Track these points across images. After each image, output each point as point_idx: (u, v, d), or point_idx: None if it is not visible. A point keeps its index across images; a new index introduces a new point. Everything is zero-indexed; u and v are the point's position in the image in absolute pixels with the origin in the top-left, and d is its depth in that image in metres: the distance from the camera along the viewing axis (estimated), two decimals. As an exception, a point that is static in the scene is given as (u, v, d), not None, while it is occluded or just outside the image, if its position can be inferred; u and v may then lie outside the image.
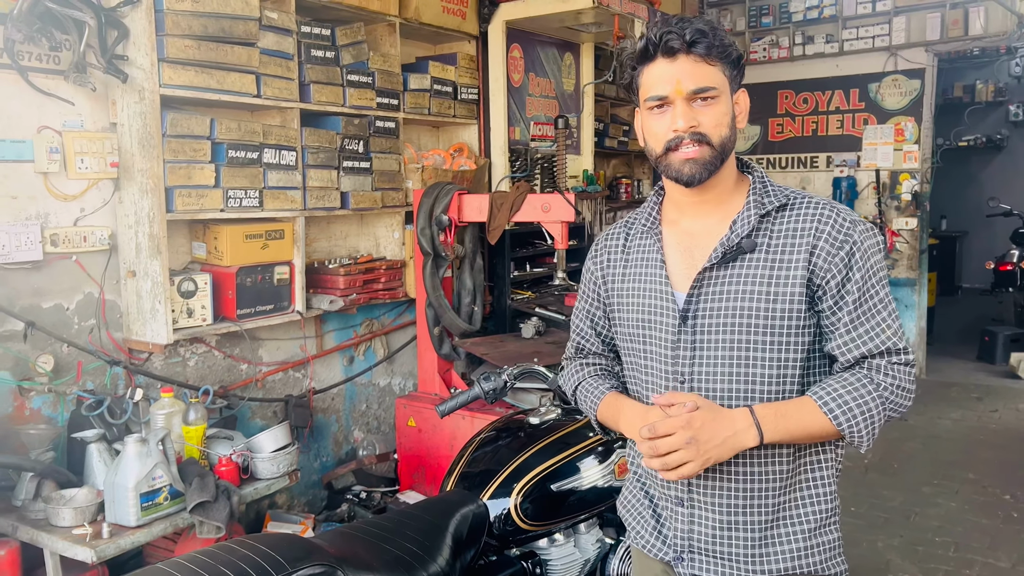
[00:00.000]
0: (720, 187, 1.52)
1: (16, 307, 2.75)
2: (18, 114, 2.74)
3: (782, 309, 1.45)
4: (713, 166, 1.47)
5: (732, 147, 1.50)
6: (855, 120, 6.87)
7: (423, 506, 1.89)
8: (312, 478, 3.89)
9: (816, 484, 1.51)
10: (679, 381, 1.52)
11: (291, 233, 3.46)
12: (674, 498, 1.55)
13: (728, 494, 1.49)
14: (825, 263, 1.43)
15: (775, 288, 1.45)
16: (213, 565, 1.37)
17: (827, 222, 1.45)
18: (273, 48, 3.30)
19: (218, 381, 3.39)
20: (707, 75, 1.44)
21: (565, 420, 2.10)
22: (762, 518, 1.49)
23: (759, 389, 1.47)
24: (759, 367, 1.47)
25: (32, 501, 2.52)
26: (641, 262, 1.61)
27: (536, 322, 4.01)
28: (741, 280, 1.47)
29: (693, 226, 1.55)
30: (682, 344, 1.51)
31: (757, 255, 1.47)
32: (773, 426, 1.43)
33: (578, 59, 5.18)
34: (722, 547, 1.51)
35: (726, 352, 1.48)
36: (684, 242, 1.56)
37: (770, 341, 1.46)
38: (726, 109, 1.47)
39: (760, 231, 1.48)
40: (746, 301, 1.46)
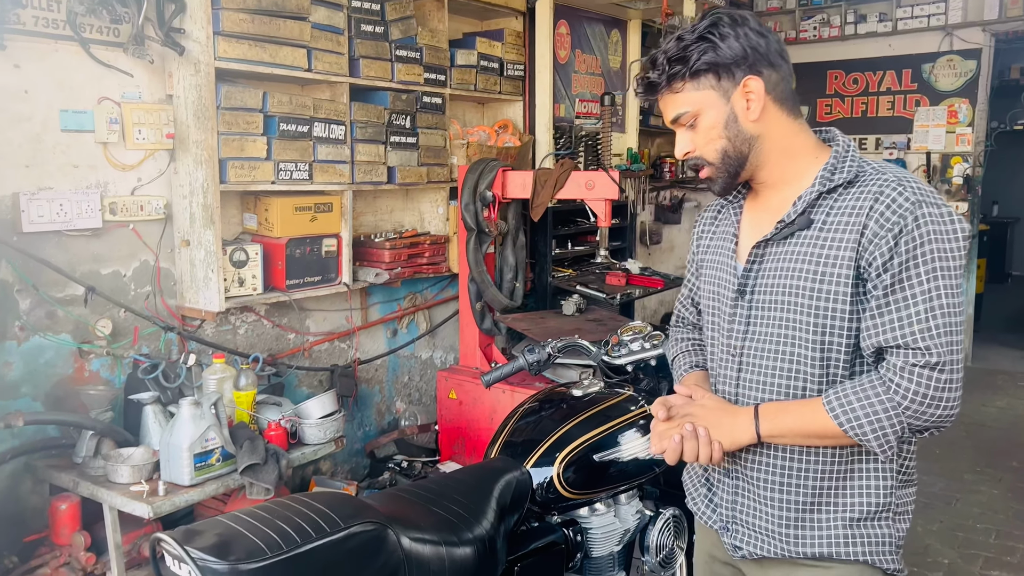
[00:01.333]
0: (778, 172, 1.49)
1: (77, 272, 2.85)
2: (80, 85, 2.83)
3: (827, 291, 1.40)
4: (725, 180, 1.49)
5: (745, 148, 1.46)
6: (907, 101, 6.73)
7: (469, 471, 1.95)
8: (355, 446, 3.98)
9: (867, 475, 1.45)
10: (731, 355, 1.53)
11: (339, 206, 3.52)
12: (722, 469, 1.58)
13: (769, 470, 1.49)
14: (871, 244, 1.35)
15: (822, 268, 1.40)
16: (270, 519, 1.44)
17: (884, 200, 1.36)
18: (324, 22, 3.34)
19: (267, 349, 3.48)
20: (677, 102, 1.45)
21: (607, 393, 2.13)
22: (800, 499, 1.47)
23: (804, 372, 1.44)
24: (803, 348, 1.44)
25: (92, 458, 2.63)
26: (721, 235, 1.62)
27: (577, 299, 4.03)
28: (792, 257, 1.44)
29: (770, 200, 1.52)
30: (737, 318, 1.52)
31: (811, 232, 1.43)
32: (772, 423, 1.43)
33: (625, 36, 5.15)
34: (762, 521, 1.52)
35: (775, 330, 1.47)
36: (758, 216, 1.54)
37: (815, 324, 1.42)
38: (712, 122, 1.44)
39: (822, 207, 1.43)
40: (794, 279, 1.43)
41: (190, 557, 1.29)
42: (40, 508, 2.74)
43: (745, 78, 1.42)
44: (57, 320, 2.81)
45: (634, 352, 2.24)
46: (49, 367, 2.80)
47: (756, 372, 1.50)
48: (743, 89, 1.43)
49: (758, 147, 1.46)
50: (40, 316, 2.77)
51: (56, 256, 2.78)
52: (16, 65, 2.66)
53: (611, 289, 4.29)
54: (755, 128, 1.45)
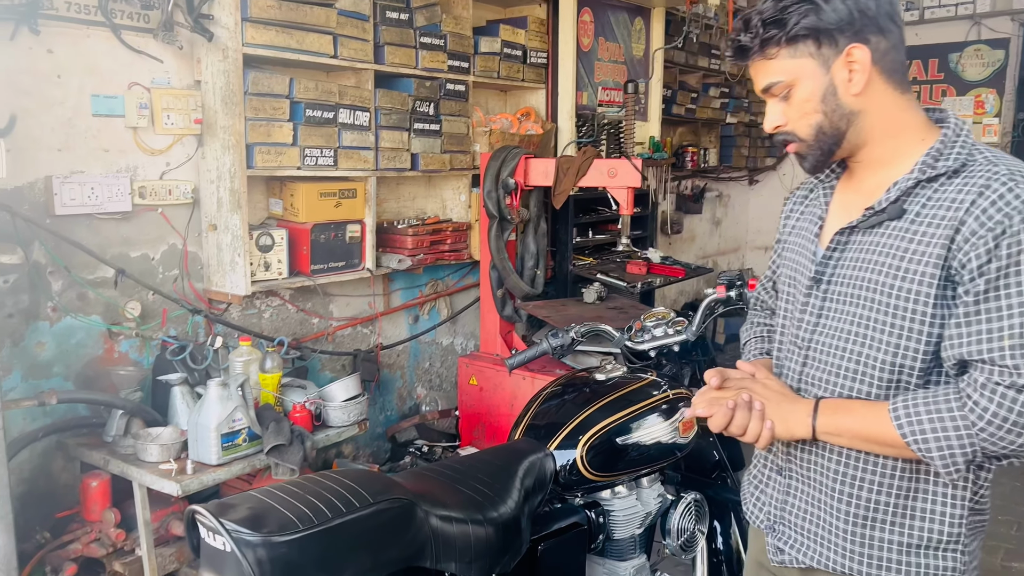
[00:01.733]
0: (878, 152, 1.34)
1: (107, 255, 2.90)
2: (111, 70, 2.87)
3: (908, 289, 1.26)
4: (817, 158, 1.35)
5: (843, 124, 1.32)
6: (933, 91, 6.67)
7: (493, 452, 1.97)
8: (377, 430, 4.02)
9: (933, 498, 1.31)
10: (798, 347, 1.43)
11: (363, 192, 3.55)
12: (773, 465, 1.49)
13: (822, 472, 1.39)
14: (967, 243, 1.20)
15: (905, 264, 1.27)
16: (301, 494, 1.47)
17: (989, 196, 1.20)
18: (350, 9, 3.36)
19: (291, 333, 3.52)
20: (770, 70, 1.32)
21: (630, 378, 2.14)
22: (853, 510, 1.36)
23: (872, 375, 1.32)
24: (873, 350, 1.31)
25: (122, 437, 2.68)
26: (807, 216, 1.49)
27: (598, 287, 4.04)
28: (877, 249, 1.31)
29: (863, 184, 1.38)
30: (810, 308, 1.41)
31: (902, 224, 1.29)
32: (830, 419, 1.32)
33: (648, 24, 5.13)
34: (812, 526, 1.41)
35: (846, 326, 1.35)
36: (849, 200, 1.41)
37: (889, 324, 1.29)
38: (807, 95, 1.31)
39: (918, 197, 1.29)
40: (874, 273, 1.30)
41: (225, 529, 1.33)
42: (71, 485, 2.80)
43: (849, 46, 1.28)
44: (88, 302, 2.86)
45: (657, 338, 2.25)
46: (80, 347, 2.85)
47: (821, 369, 1.39)
48: (846, 58, 1.28)
49: (858, 124, 1.32)
50: (72, 297, 2.82)
51: (87, 239, 2.84)
52: (49, 50, 2.71)
53: (632, 278, 4.30)
54: (856, 103, 1.30)
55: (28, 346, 2.72)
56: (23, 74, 2.65)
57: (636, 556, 2.11)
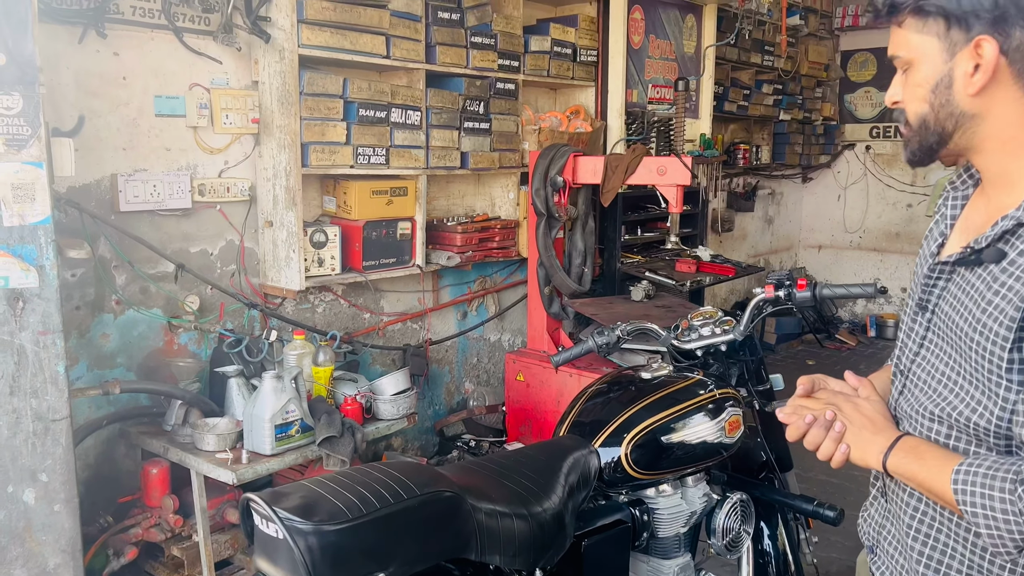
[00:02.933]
0: (996, 167, 1.16)
1: (168, 250, 3.00)
2: (173, 72, 2.97)
3: (981, 345, 1.11)
4: (915, 148, 1.20)
5: (948, 123, 1.15)
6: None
7: (539, 447, 2.00)
8: (425, 424, 4.08)
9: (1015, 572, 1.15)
10: (899, 371, 1.31)
11: (414, 190, 3.60)
12: (880, 487, 1.39)
13: (903, 504, 1.29)
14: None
15: (984, 317, 1.10)
16: (351, 484, 1.51)
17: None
18: (402, 10, 3.42)
19: (343, 328, 3.60)
20: (897, 38, 1.18)
21: (676, 377, 2.15)
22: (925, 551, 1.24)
23: (949, 419, 1.18)
24: (955, 396, 1.18)
25: (181, 426, 2.78)
26: (934, 229, 1.32)
27: (646, 285, 4.04)
28: (969, 291, 1.15)
29: (991, 204, 1.19)
30: (913, 336, 1.28)
31: (998, 269, 1.11)
32: (902, 460, 1.19)
33: (700, 21, 5.10)
34: (898, 555, 1.31)
35: (940, 364, 1.21)
36: (973, 220, 1.23)
37: (971, 374, 1.14)
38: (921, 79, 1.15)
39: (1021, 239, 1.09)
40: (961, 318, 1.15)
41: (277, 517, 1.38)
42: (133, 471, 2.92)
43: (979, 36, 1.09)
44: (150, 295, 2.97)
45: (704, 337, 2.25)
46: (142, 339, 2.96)
47: (911, 403, 1.26)
48: (974, 49, 1.10)
49: (970, 129, 1.15)
50: (134, 291, 2.93)
51: (149, 234, 2.94)
52: (115, 53, 2.82)
53: (681, 276, 4.28)
54: (972, 105, 1.13)
55: (94, 337, 2.84)
56: (91, 76, 2.76)
57: (681, 555, 2.11)
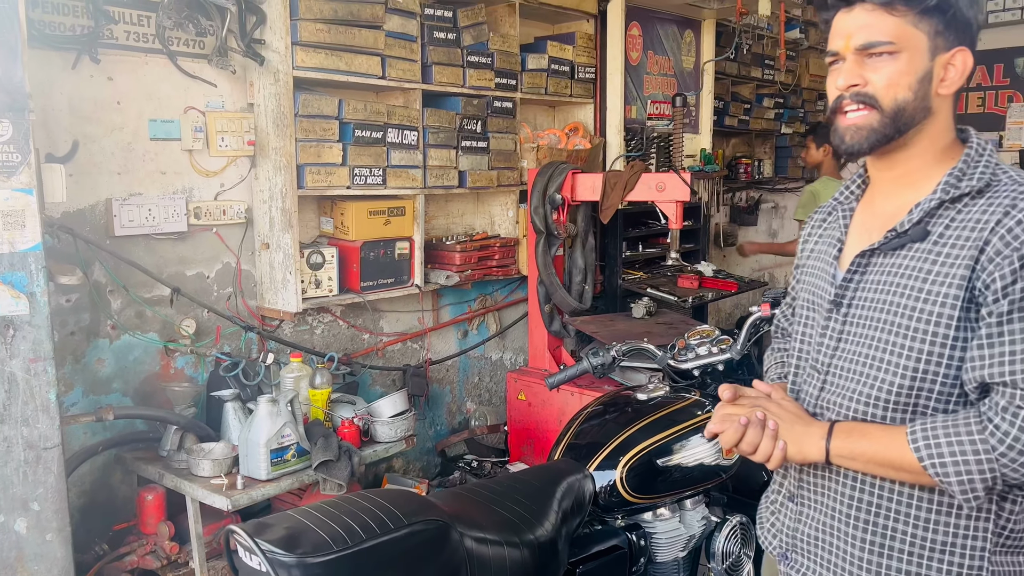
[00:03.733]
0: (910, 163, 1.31)
1: (164, 274, 2.99)
2: (167, 96, 2.97)
3: (929, 312, 1.23)
4: (879, 136, 1.27)
5: (918, 116, 1.27)
6: (999, 97, 6.46)
7: (532, 472, 1.97)
8: (427, 445, 4.05)
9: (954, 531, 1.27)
10: (817, 371, 1.40)
11: (411, 210, 3.59)
12: (786, 492, 1.47)
13: (834, 496, 1.36)
14: (991, 264, 1.18)
15: (928, 286, 1.24)
16: (337, 514, 1.49)
17: (1015, 215, 1.18)
18: (398, 30, 3.41)
19: (342, 349, 3.58)
20: (884, 27, 1.24)
21: (673, 398, 2.12)
22: (867, 536, 1.32)
23: (885, 400, 1.28)
24: (891, 374, 1.27)
25: (176, 452, 2.76)
26: (824, 239, 1.47)
27: (647, 302, 4.01)
28: (899, 272, 1.28)
29: (885, 206, 1.35)
30: (829, 332, 1.38)
31: (925, 245, 1.26)
32: (844, 442, 1.28)
33: (699, 36, 5.09)
34: (822, 552, 1.39)
35: (865, 350, 1.31)
36: (869, 222, 1.38)
37: (908, 347, 1.25)
38: (907, 68, 1.24)
39: (942, 218, 1.26)
40: (896, 296, 1.27)
41: (260, 549, 1.35)
42: (129, 498, 2.89)
43: (958, 48, 1.27)
44: (145, 319, 2.96)
45: (701, 356, 2.22)
46: (138, 364, 2.95)
47: (838, 393, 1.35)
48: (951, 57, 1.26)
49: (925, 124, 1.28)
50: (130, 316, 2.92)
51: (145, 259, 2.93)
52: (109, 78, 2.82)
53: (683, 292, 4.25)
54: (936, 103, 1.28)
55: (89, 363, 2.82)
56: (85, 101, 2.76)
57: (680, 579, 2.08)
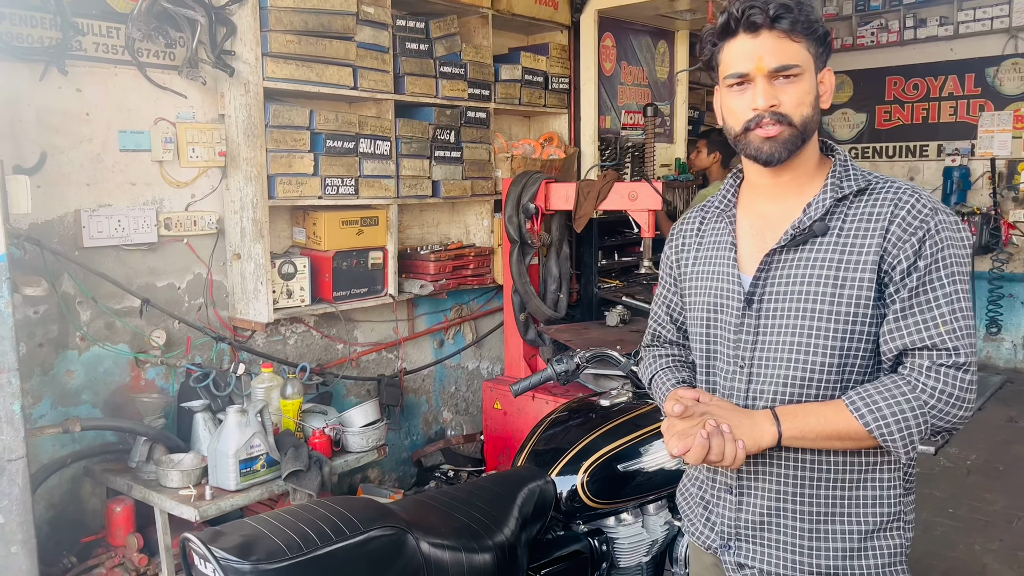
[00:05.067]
0: (799, 169, 1.47)
1: (134, 285, 2.99)
2: (137, 107, 2.97)
3: (849, 295, 1.38)
4: (793, 145, 1.42)
5: (814, 127, 1.44)
6: (970, 106, 6.54)
7: (493, 479, 1.98)
8: (403, 455, 4.05)
9: (879, 484, 1.45)
10: (740, 366, 1.49)
11: (385, 220, 3.60)
12: (723, 485, 1.54)
13: (778, 480, 1.46)
14: (895, 248, 1.36)
15: (843, 273, 1.39)
16: (293, 521, 1.49)
17: (904, 206, 1.37)
18: (369, 41, 3.44)
19: (315, 359, 3.58)
20: (790, 52, 1.39)
21: (636, 403, 2.13)
22: (813, 509, 1.45)
23: (818, 380, 1.41)
24: (820, 356, 1.40)
25: (145, 463, 2.75)
26: (713, 245, 1.57)
27: (620, 310, 4.02)
28: (809, 264, 1.42)
29: (769, 209, 1.50)
30: (745, 328, 1.48)
31: (829, 239, 1.41)
32: (793, 423, 1.38)
33: (672, 47, 5.14)
34: (769, 534, 1.48)
35: (788, 338, 1.43)
36: (757, 225, 1.52)
37: (834, 329, 1.39)
38: (809, 88, 1.41)
39: (835, 215, 1.42)
40: (812, 286, 1.41)
41: (213, 556, 1.36)
42: (98, 510, 2.88)
43: (827, 68, 1.46)
44: (115, 331, 2.95)
45: (665, 363, 2.23)
46: (108, 375, 2.94)
47: (768, 382, 1.46)
48: (823, 76, 1.45)
49: (812, 135, 1.45)
50: (99, 327, 2.91)
51: (114, 270, 2.93)
52: (78, 89, 2.82)
53: (657, 300, 4.27)
54: (818, 116, 1.45)
55: (58, 374, 2.81)
56: (53, 113, 2.76)
57: (644, 584, 2.09)
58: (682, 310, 1.68)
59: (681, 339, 1.73)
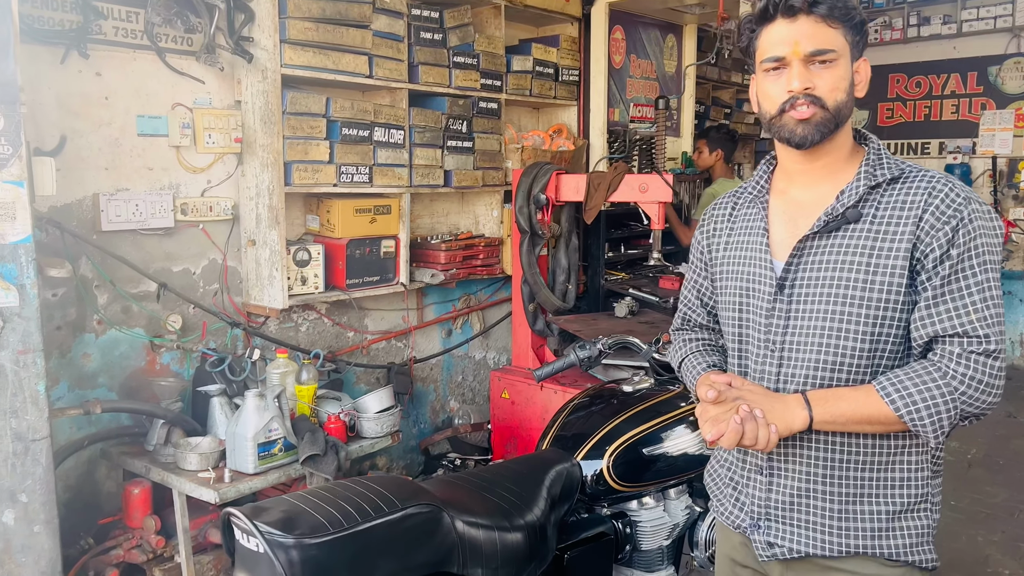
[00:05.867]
0: (832, 155, 1.50)
1: (150, 269, 3.00)
2: (155, 92, 2.98)
3: (881, 282, 1.41)
4: (826, 128, 1.44)
5: (848, 113, 1.47)
6: (972, 105, 6.59)
7: (521, 461, 2.01)
8: (410, 443, 4.07)
9: (907, 467, 1.47)
10: (771, 350, 1.52)
11: (397, 208, 3.62)
12: (753, 466, 1.57)
13: (809, 462, 1.49)
14: (928, 236, 1.39)
15: (876, 260, 1.42)
16: (332, 499, 1.52)
17: (938, 195, 1.40)
18: (385, 30, 3.45)
19: (326, 346, 3.59)
20: (827, 37, 1.42)
21: (658, 390, 2.16)
22: (843, 491, 1.48)
23: (848, 364, 1.44)
24: (851, 340, 1.43)
25: (163, 446, 2.77)
26: (745, 231, 1.60)
27: (629, 302, 4.05)
28: (842, 250, 1.45)
29: (802, 195, 1.53)
30: (776, 313, 1.50)
31: (862, 226, 1.44)
32: (824, 408, 1.41)
33: (680, 41, 5.16)
34: (799, 514, 1.51)
35: (819, 323, 1.46)
36: (790, 211, 1.54)
37: (865, 315, 1.42)
38: (844, 73, 1.44)
39: (868, 202, 1.45)
40: (845, 272, 1.43)
41: (259, 531, 1.38)
42: (114, 492, 2.89)
43: (862, 58, 1.49)
44: (132, 315, 2.96)
45: (685, 350, 2.26)
46: (124, 359, 2.95)
47: (799, 365, 1.48)
48: (860, 64, 1.48)
49: (846, 121, 1.48)
50: (116, 311, 2.92)
51: (131, 254, 2.94)
52: (98, 73, 2.82)
53: (664, 292, 4.30)
54: (852, 103, 1.49)
55: (75, 357, 2.82)
56: (73, 96, 2.77)
57: (663, 568, 2.12)
58: (712, 294, 1.71)
59: (711, 323, 1.76)
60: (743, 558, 1.63)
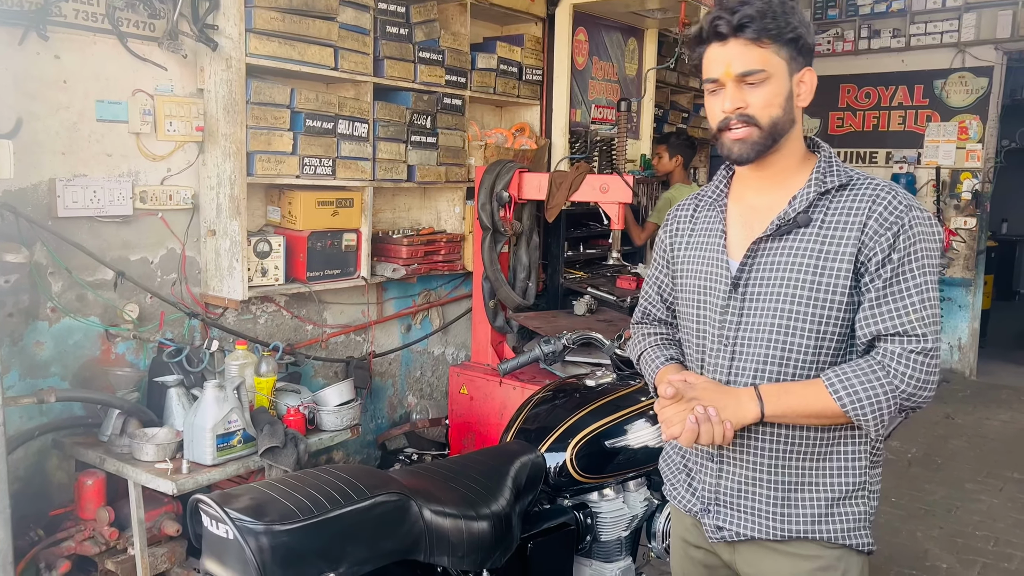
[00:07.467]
0: (781, 164, 1.58)
1: (107, 257, 2.95)
2: (115, 77, 2.93)
3: (827, 283, 1.50)
4: (761, 146, 1.52)
5: (787, 126, 1.54)
6: (918, 116, 6.82)
7: (486, 452, 2.03)
8: (367, 438, 4.06)
9: (846, 457, 1.57)
10: (724, 344, 1.60)
11: (360, 202, 3.61)
12: (705, 453, 1.66)
13: (754, 452, 1.58)
14: (871, 241, 1.47)
15: (823, 262, 1.50)
16: (301, 487, 1.53)
17: (881, 202, 1.49)
18: (351, 23, 3.44)
19: (285, 339, 3.57)
20: (755, 58, 1.48)
21: (619, 384, 2.21)
22: (785, 479, 1.57)
23: (795, 359, 1.54)
24: (798, 337, 1.53)
25: (118, 437, 2.72)
26: (705, 232, 1.69)
27: (588, 300, 4.11)
28: (792, 252, 1.53)
29: (756, 201, 1.61)
30: (731, 310, 1.59)
31: (811, 230, 1.53)
32: (775, 402, 1.50)
33: (642, 44, 5.24)
34: (745, 501, 1.61)
35: (769, 319, 1.55)
36: (746, 215, 1.63)
37: (812, 313, 1.51)
38: (778, 90, 1.50)
39: (818, 207, 1.53)
40: (794, 272, 1.52)
41: (229, 517, 1.38)
42: (66, 484, 2.84)
43: (806, 68, 1.54)
44: (87, 303, 2.91)
45: (646, 347, 2.32)
46: (78, 348, 2.89)
47: (749, 359, 1.58)
48: (802, 76, 1.54)
49: (790, 132, 1.55)
50: (71, 299, 2.86)
51: (88, 241, 2.88)
52: (56, 56, 2.77)
53: (621, 292, 4.36)
54: (796, 114, 1.56)
55: (27, 345, 2.76)
56: (30, 79, 2.71)
57: (622, 558, 2.17)
58: (672, 291, 1.79)
59: (669, 318, 1.84)
60: (695, 539, 1.73)
